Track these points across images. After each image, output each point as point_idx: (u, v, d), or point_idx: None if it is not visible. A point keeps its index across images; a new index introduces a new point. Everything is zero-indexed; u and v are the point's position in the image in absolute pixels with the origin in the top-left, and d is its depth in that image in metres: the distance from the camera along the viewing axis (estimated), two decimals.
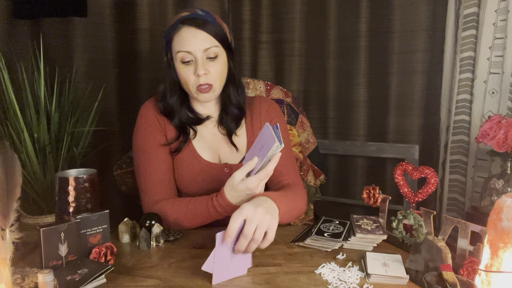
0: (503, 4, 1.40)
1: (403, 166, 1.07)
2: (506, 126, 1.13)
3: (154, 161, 1.09)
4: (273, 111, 1.21)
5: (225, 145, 1.16)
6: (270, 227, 0.83)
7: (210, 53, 1.03)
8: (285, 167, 1.13)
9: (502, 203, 0.65)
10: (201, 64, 1.02)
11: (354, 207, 1.83)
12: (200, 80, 1.03)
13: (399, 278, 0.80)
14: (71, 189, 0.95)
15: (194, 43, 1.02)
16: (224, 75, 1.09)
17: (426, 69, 1.70)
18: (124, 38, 1.73)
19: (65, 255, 0.83)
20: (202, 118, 1.14)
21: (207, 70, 1.03)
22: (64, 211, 0.95)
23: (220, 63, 1.06)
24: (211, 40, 1.03)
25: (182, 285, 0.79)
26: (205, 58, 1.03)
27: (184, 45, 1.02)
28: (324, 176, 1.57)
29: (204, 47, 1.02)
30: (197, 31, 1.02)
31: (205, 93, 1.06)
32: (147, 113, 1.14)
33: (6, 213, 0.68)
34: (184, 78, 1.05)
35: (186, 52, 1.02)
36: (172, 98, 1.11)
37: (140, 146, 1.11)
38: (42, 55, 1.34)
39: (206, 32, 1.02)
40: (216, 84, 1.06)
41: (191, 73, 1.04)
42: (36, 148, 1.27)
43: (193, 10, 1.06)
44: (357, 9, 1.76)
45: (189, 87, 1.06)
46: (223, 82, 1.10)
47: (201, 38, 1.02)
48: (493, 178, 1.18)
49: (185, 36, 1.02)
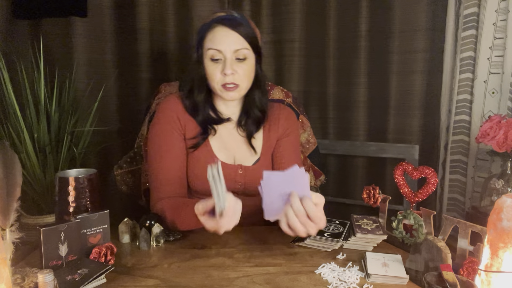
0: (503, 4, 1.40)
1: (403, 166, 1.07)
2: (506, 126, 1.13)
3: (167, 159, 1.10)
4: (291, 120, 1.24)
5: (241, 147, 1.18)
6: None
7: (239, 54, 1.06)
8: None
9: (502, 203, 0.65)
10: (230, 64, 1.05)
11: (354, 207, 1.82)
12: (226, 79, 1.05)
13: (399, 278, 0.80)
14: (71, 189, 0.95)
15: (226, 43, 1.04)
16: (251, 78, 1.11)
17: (426, 69, 1.70)
18: (124, 38, 1.73)
19: (65, 255, 0.83)
20: (223, 118, 1.16)
21: (235, 70, 1.05)
22: (64, 211, 0.95)
23: (248, 65, 1.08)
24: (242, 42, 1.05)
25: (182, 285, 0.79)
26: (234, 58, 1.06)
27: (215, 43, 1.04)
28: (324, 176, 1.57)
29: (234, 47, 1.05)
30: (230, 31, 1.05)
31: (230, 91, 1.07)
32: (168, 110, 1.14)
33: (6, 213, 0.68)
34: (210, 75, 1.07)
35: (216, 50, 1.04)
36: (199, 95, 1.12)
37: (156, 141, 1.12)
38: (42, 55, 1.34)
39: (239, 34, 1.05)
40: (242, 84, 1.08)
41: (218, 71, 1.06)
42: (36, 148, 1.27)
43: (230, 12, 1.09)
44: (357, 9, 1.75)
45: (214, 84, 1.08)
46: (249, 84, 1.12)
47: (233, 38, 1.05)
48: (493, 178, 1.18)
49: (218, 35, 1.05)
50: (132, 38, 1.72)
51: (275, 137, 1.20)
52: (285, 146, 1.20)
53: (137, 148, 1.43)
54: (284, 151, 1.19)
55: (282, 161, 1.18)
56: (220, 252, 0.95)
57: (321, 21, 1.82)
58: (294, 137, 1.23)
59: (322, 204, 0.88)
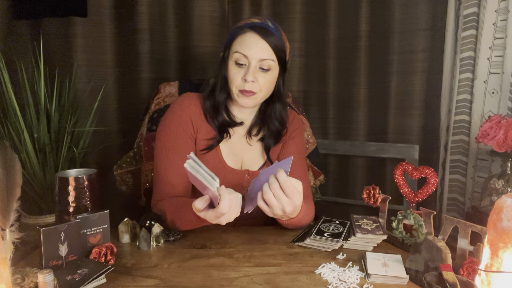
0: (503, 4, 1.40)
1: (403, 166, 1.07)
2: (506, 126, 1.13)
3: (174, 162, 1.09)
4: (296, 123, 1.25)
5: (249, 152, 1.18)
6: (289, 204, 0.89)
7: (264, 64, 1.05)
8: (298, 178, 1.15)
9: (502, 203, 0.65)
10: (252, 71, 1.04)
11: (354, 207, 1.82)
12: (246, 86, 1.05)
13: (399, 278, 0.80)
14: (71, 189, 0.95)
15: (253, 49, 1.04)
16: (270, 89, 1.11)
17: (426, 69, 1.70)
18: (124, 38, 1.73)
19: (65, 255, 0.83)
20: (235, 122, 1.15)
21: (256, 79, 1.05)
22: (64, 211, 0.95)
23: (270, 77, 1.08)
24: (269, 52, 1.05)
25: (182, 285, 0.79)
26: (258, 67, 1.05)
27: (243, 47, 1.04)
28: (323, 176, 1.57)
29: (261, 56, 1.04)
30: (260, 39, 1.04)
31: (246, 97, 1.07)
32: (181, 112, 1.12)
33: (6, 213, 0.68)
34: (232, 78, 1.07)
35: (242, 55, 1.04)
36: (221, 94, 1.11)
37: (164, 142, 1.11)
38: (42, 55, 1.34)
39: (268, 44, 1.05)
40: (259, 94, 1.08)
41: (240, 76, 1.05)
42: (36, 148, 1.27)
43: (264, 20, 1.08)
44: (357, 9, 1.76)
45: (233, 87, 1.08)
46: (266, 94, 1.11)
47: (261, 47, 1.04)
48: (493, 178, 1.18)
49: (248, 40, 1.04)
50: (132, 38, 1.72)
51: (282, 140, 1.21)
52: (290, 148, 1.21)
53: (137, 148, 1.43)
54: (288, 154, 1.20)
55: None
56: (220, 252, 0.95)
57: (321, 21, 1.82)
58: (299, 140, 1.24)
59: (300, 187, 0.89)
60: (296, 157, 1.20)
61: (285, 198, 0.87)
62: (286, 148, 1.21)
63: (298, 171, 1.17)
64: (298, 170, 1.17)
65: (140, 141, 1.42)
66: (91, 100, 1.49)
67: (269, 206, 0.88)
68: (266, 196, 0.86)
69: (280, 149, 1.21)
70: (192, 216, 0.91)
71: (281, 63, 1.09)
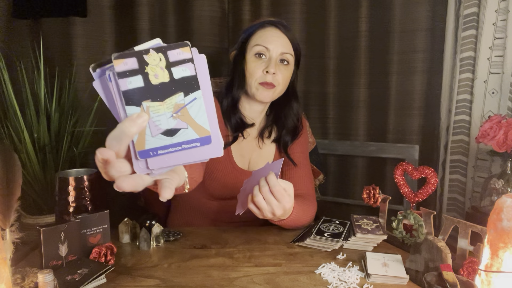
0: (503, 4, 1.40)
1: (403, 166, 1.07)
2: (506, 126, 1.13)
3: None
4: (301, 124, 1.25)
5: (257, 154, 1.19)
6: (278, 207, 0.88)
7: (284, 57, 1.08)
8: (303, 178, 1.18)
9: (502, 203, 0.65)
10: (274, 64, 1.06)
11: (354, 207, 1.82)
12: (267, 77, 1.06)
13: (399, 278, 0.80)
14: (71, 189, 0.95)
15: (275, 43, 1.07)
16: (286, 84, 1.13)
17: (426, 69, 1.70)
18: (124, 38, 1.73)
19: (65, 255, 0.83)
20: (247, 123, 1.16)
21: (276, 72, 1.07)
22: (64, 211, 0.95)
23: (288, 71, 1.10)
24: (289, 47, 1.09)
25: (182, 285, 0.79)
26: (278, 60, 1.07)
27: (265, 41, 1.07)
28: (323, 176, 1.57)
29: (282, 50, 1.07)
30: (281, 34, 1.08)
31: (265, 90, 1.08)
32: None
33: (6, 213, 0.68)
34: (251, 71, 1.07)
35: (264, 47, 1.06)
36: (238, 90, 1.11)
37: None
38: (42, 55, 1.34)
39: (288, 39, 1.08)
40: (278, 87, 1.09)
41: (260, 68, 1.07)
42: (36, 148, 1.27)
43: (280, 20, 1.12)
44: (357, 9, 1.75)
45: (252, 81, 1.08)
46: (283, 89, 1.13)
47: (283, 41, 1.08)
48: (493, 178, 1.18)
49: (269, 34, 1.08)
50: (132, 38, 1.72)
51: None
52: (296, 149, 1.22)
53: None
54: (295, 154, 1.21)
55: (290, 163, 1.19)
56: (220, 252, 0.95)
57: (321, 21, 1.82)
58: (303, 140, 1.25)
59: (290, 189, 0.89)
60: (301, 157, 1.21)
61: (274, 202, 0.86)
62: (292, 148, 1.21)
63: (303, 170, 1.18)
64: (303, 169, 1.18)
65: None
66: (91, 100, 1.49)
67: (259, 209, 0.88)
68: (256, 199, 0.86)
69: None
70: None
71: (296, 60, 1.13)
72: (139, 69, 0.43)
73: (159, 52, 0.43)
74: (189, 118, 0.44)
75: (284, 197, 0.87)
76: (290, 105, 1.17)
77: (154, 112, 0.44)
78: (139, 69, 0.43)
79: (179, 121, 0.44)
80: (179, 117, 0.44)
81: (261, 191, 0.85)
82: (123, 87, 0.43)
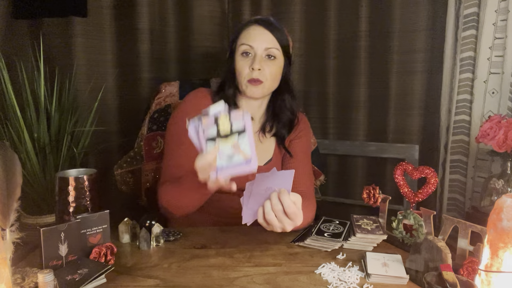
0: (503, 4, 1.40)
1: (403, 166, 1.07)
2: (506, 126, 1.13)
3: (181, 149, 1.10)
4: (303, 123, 1.26)
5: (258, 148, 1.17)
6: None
7: (270, 52, 1.10)
8: (302, 176, 1.17)
9: (502, 203, 0.65)
10: (259, 60, 1.09)
11: (354, 207, 1.82)
12: (253, 74, 1.08)
13: (399, 278, 0.80)
14: (71, 189, 0.95)
15: (258, 40, 1.10)
16: (277, 79, 1.14)
17: (426, 69, 1.70)
18: (124, 38, 1.73)
19: (65, 255, 0.83)
20: None
21: (262, 67, 1.09)
22: (64, 211, 0.95)
23: (275, 66, 1.12)
24: (274, 42, 1.11)
25: (182, 285, 0.79)
26: (264, 56, 1.10)
27: (249, 39, 1.10)
28: (324, 176, 1.57)
29: (266, 46, 1.10)
30: (264, 31, 1.11)
31: (254, 86, 1.10)
32: (190, 104, 1.16)
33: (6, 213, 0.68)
34: (239, 69, 1.11)
35: (249, 45, 1.10)
36: (229, 89, 1.15)
37: (173, 131, 1.15)
38: (42, 55, 1.34)
39: (272, 35, 1.11)
40: (266, 82, 1.11)
41: (247, 65, 1.09)
42: (36, 148, 1.27)
43: (267, 17, 1.16)
44: (357, 9, 1.75)
45: (241, 79, 1.11)
46: (273, 85, 1.14)
47: (266, 37, 1.10)
48: (493, 178, 1.18)
49: (253, 32, 1.11)
50: (132, 38, 1.72)
51: (288, 139, 1.22)
52: (296, 148, 1.22)
53: (137, 148, 1.43)
54: (296, 153, 1.21)
55: (290, 161, 1.20)
56: (220, 252, 0.95)
57: (321, 21, 1.82)
58: (305, 140, 1.25)
59: (299, 202, 0.88)
60: (301, 156, 1.21)
61: (287, 221, 0.85)
62: (292, 148, 1.21)
63: (303, 170, 1.18)
64: (303, 169, 1.18)
65: (140, 141, 1.42)
66: (91, 100, 1.49)
67: (269, 224, 0.87)
68: (268, 217, 0.84)
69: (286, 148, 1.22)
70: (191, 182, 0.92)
71: (285, 54, 1.14)
72: (215, 122, 0.78)
73: (226, 114, 0.78)
74: (239, 148, 0.78)
75: (297, 216, 0.86)
76: (282, 98, 1.19)
77: (221, 145, 0.78)
78: (215, 122, 0.78)
79: (235, 150, 0.78)
80: (234, 148, 0.78)
81: (273, 209, 0.84)
82: (206, 132, 0.79)
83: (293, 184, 1.15)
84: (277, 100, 1.19)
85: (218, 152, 0.78)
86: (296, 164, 1.18)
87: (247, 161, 0.78)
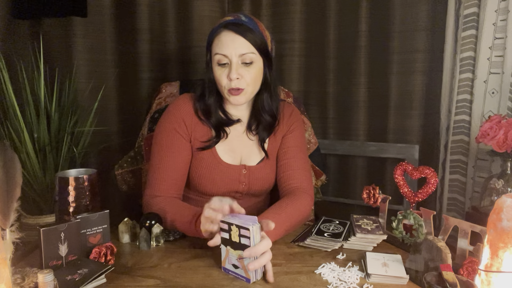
0: (503, 4, 1.40)
1: (403, 166, 1.07)
2: (506, 126, 1.13)
3: (167, 159, 1.10)
4: (295, 116, 1.24)
5: (248, 148, 1.18)
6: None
7: (245, 58, 1.05)
8: (296, 171, 1.16)
9: (502, 203, 0.65)
10: (235, 68, 1.04)
11: (354, 207, 1.82)
12: (232, 84, 1.05)
13: (399, 278, 0.80)
14: (71, 189, 0.95)
15: (231, 48, 1.04)
16: (258, 82, 1.10)
17: (426, 69, 1.70)
18: (124, 38, 1.73)
19: (65, 255, 0.83)
20: (232, 120, 1.15)
21: (240, 75, 1.05)
22: (64, 211, 0.95)
23: (254, 70, 1.07)
24: (248, 46, 1.04)
25: (182, 285, 0.79)
26: (240, 63, 1.05)
27: (221, 48, 1.04)
28: (325, 176, 1.57)
29: (240, 52, 1.04)
30: (236, 36, 1.04)
31: (235, 96, 1.07)
32: (175, 110, 1.14)
33: (6, 213, 0.68)
34: (218, 80, 1.07)
35: (222, 55, 1.04)
36: (210, 98, 1.12)
37: (158, 140, 1.13)
38: (42, 55, 1.34)
39: (245, 39, 1.04)
40: (248, 88, 1.07)
41: (225, 75, 1.06)
42: (36, 148, 1.27)
43: (237, 16, 1.07)
44: (357, 9, 1.75)
45: (222, 88, 1.08)
46: (256, 88, 1.11)
47: (239, 43, 1.04)
48: (493, 178, 1.18)
49: (224, 40, 1.04)
50: (132, 38, 1.72)
51: (280, 135, 1.20)
52: (289, 142, 1.20)
53: (138, 148, 1.43)
54: (289, 147, 1.19)
55: (286, 157, 1.18)
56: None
57: (321, 21, 1.82)
58: (298, 133, 1.23)
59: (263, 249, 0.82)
60: (295, 151, 1.19)
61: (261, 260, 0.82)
62: (285, 143, 1.20)
63: (297, 164, 1.17)
64: (297, 163, 1.17)
65: (141, 140, 1.42)
66: (91, 100, 1.49)
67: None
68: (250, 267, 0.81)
69: (279, 144, 1.21)
70: (185, 225, 0.96)
71: (263, 54, 1.08)
72: (227, 230, 0.83)
73: (236, 226, 0.81)
74: (243, 264, 0.80)
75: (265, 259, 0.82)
76: (261, 99, 1.15)
77: (230, 252, 0.83)
78: (228, 230, 0.83)
79: (239, 263, 0.81)
80: (239, 260, 0.81)
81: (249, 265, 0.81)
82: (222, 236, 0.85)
83: (287, 181, 1.16)
84: (257, 101, 1.16)
85: (228, 256, 0.84)
86: (290, 161, 1.17)
87: (247, 279, 0.80)
